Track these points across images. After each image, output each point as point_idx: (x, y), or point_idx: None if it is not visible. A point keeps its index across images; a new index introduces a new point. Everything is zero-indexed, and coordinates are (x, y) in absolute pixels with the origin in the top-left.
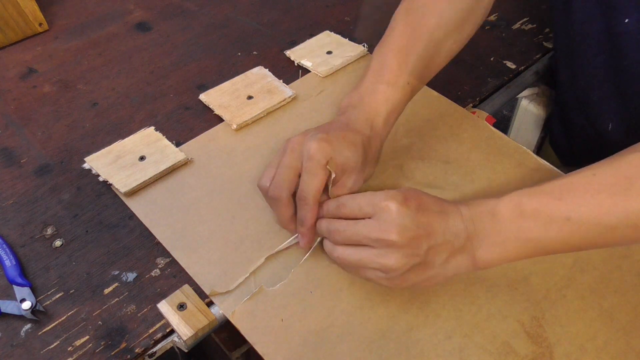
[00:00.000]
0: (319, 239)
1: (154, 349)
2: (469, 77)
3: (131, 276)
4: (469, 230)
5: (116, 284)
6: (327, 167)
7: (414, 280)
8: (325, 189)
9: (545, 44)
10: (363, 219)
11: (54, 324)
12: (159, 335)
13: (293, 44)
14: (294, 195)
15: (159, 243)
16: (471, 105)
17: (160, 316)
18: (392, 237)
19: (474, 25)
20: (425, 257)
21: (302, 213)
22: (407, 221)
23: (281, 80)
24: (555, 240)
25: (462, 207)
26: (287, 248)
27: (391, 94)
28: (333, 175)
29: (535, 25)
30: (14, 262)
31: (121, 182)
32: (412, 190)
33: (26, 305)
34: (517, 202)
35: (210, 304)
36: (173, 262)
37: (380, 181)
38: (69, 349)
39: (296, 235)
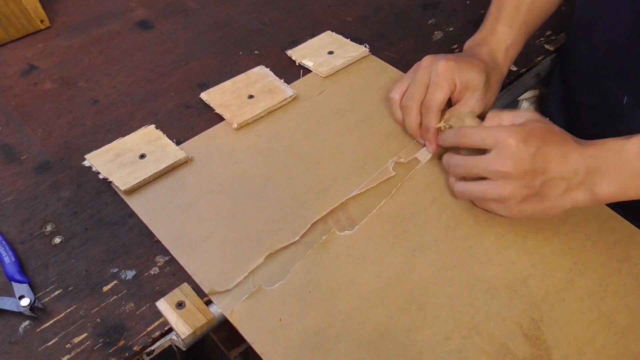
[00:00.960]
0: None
1: (152, 347)
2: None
3: (130, 274)
4: (590, 167)
5: (115, 282)
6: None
7: (530, 211)
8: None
9: (546, 46)
10: (482, 151)
11: (52, 321)
12: (158, 333)
13: (294, 43)
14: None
15: (158, 241)
16: None
17: (158, 314)
18: (507, 169)
19: None
20: (540, 189)
21: (427, 120)
22: (525, 156)
23: (282, 80)
24: None
25: (588, 145)
26: (286, 247)
27: (508, 33)
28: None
29: None
30: (13, 259)
31: (121, 180)
32: (536, 126)
33: (25, 302)
34: None
35: (209, 302)
36: (172, 261)
37: (380, 181)
38: (67, 346)
39: (365, 182)
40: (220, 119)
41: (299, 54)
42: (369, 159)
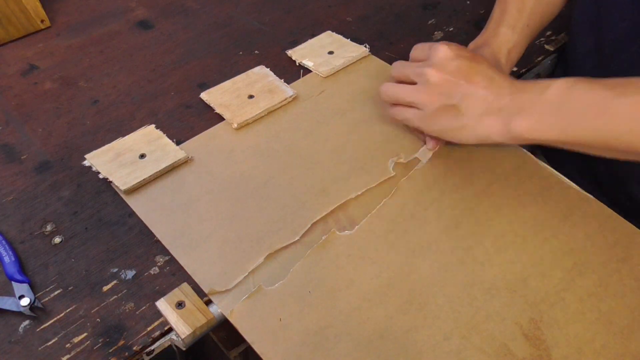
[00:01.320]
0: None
1: (152, 347)
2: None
3: (130, 274)
4: (513, 96)
5: (115, 282)
6: None
7: (443, 124)
8: None
9: (546, 46)
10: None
11: (52, 321)
12: (157, 333)
13: (294, 43)
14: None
15: (158, 241)
16: None
17: (158, 314)
18: (430, 72)
19: None
20: (459, 101)
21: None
22: (450, 64)
23: (282, 80)
24: (590, 127)
25: (514, 79)
26: (286, 247)
27: (511, 35)
28: None
29: None
30: (13, 259)
31: (121, 180)
32: (474, 52)
33: (25, 301)
34: (571, 84)
35: (208, 302)
36: (172, 261)
37: (380, 181)
38: (67, 346)
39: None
40: (220, 118)
41: (299, 54)
42: (369, 159)
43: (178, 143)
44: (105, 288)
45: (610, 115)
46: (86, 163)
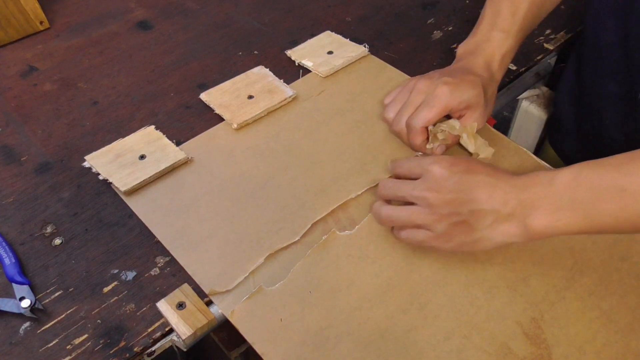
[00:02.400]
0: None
1: (153, 348)
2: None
3: (130, 275)
4: (520, 198)
5: (115, 283)
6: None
7: (459, 241)
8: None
9: (545, 45)
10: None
11: (53, 322)
12: (158, 334)
13: (294, 43)
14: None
15: (158, 242)
16: None
17: (159, 315)
18: (431, 195)
19: None
20: (468, 217)
21: (413, 139)
22: (449, 184)
23: (282, 80)
24: (609, 212)
25: (517, 177)
26: (286, 247)
27: (504, 40)
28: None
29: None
30: (14, 260)
31: (121, 181)
32: (464, 157)
33: (25, 303)
34: (576, 172)
35: (209, 303)
36: (172, 261)
37: (379, 181)
38: (67, 347)
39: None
40: (220, 119)
41: (298, 54)
42: (369, 159)
43: (178, 144)
44: (105, 289)
45: (625, 198)
46: (86, 164)
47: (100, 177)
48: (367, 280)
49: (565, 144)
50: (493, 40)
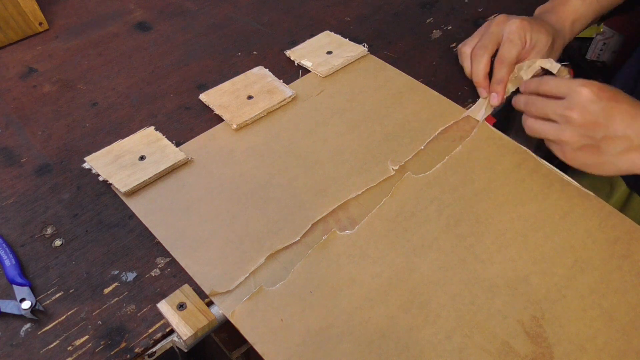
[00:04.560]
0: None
1: (154, 349)
2: (469, 78)
3: (131, 276)
4: None
5: (116, 284)
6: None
7: (584, 160)
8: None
9: None
10: (558, 98)
11: (53, 324)
12: (159, 335)
13: (293, 43)
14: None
15: (158, 243)
16: (471, 105)
17: (160, 316)
18: (572, 115)
19: None
20: (599, 142)
21: (500, 73)
22: (592, 106)
23: (281, 80)
24: None
25: None
26: (287, 247)
27: (579, 6)
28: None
29: None
30: (14, 262)
31: (121, 182)
32: (611, 86)
33: (26, 304)
34: None
35: (210, 303)
36: (173, 262)
37: (380, 180)
38: (68, 349)
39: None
40: (219, 119)
41: (297, 54)
42: (369, 158)
43: (178, 144)
44: (106, 290)
45: None
46: (86, 165)
47: (100, 178)
48: (367, 279)
49: None
50: (568, 4)
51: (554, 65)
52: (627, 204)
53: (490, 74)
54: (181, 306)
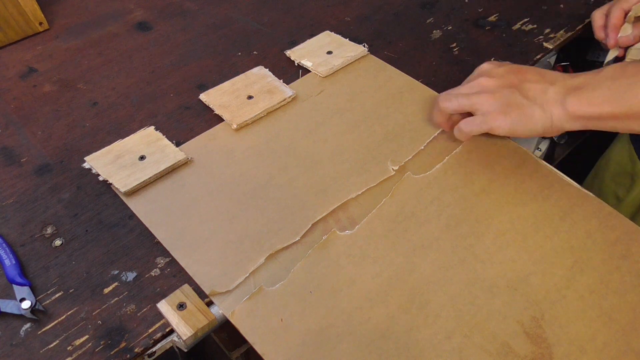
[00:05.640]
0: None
1: (154, 349)
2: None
3: (131, 276)
4: (567, 81)
5: (116, 284)
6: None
7: (509, 99)
8: None
9: (545, 44)
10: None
11: (53, 324)
12: (159, 334)
13: (293, 43)
14: None
15: (158, 243)
16: None
17: (159, 316)
18: (482, 80)
19: None
20: (517, 97)
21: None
22: (498, 69)
23: (281, 80)
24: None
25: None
26: (287, 247)
27: None
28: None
29: (535, 26)
30: (14, 262)
31: (121, 182)
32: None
33: (26, 304)
34: (624, 64)
35: (210, 303)
36: (173, 262)
37: (380, 180)
38: (68, 349)
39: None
40: (219, 119)
41: (297, 54)
42: (369, 158)
43: (178, 144)
44: (106, 290)
45: None
46: (86, 165)
47: (100, 178)
48: (367, 279)
49: None
50: None
51: None
52: None
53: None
54: (181, 306)
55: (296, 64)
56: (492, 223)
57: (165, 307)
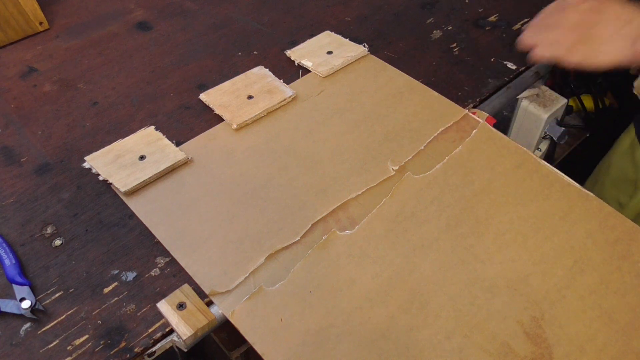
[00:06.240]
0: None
1: (154, 349)
2: (469, 78)
3: (131, 275)
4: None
5: (116, 283)
6: None
7: (580, 55)
8: None
9: None
10: None
11: (53, 323)
12: (159, 334)
13: (293, 43)
14: None
15: (158, 242)
16: (471, 105)
17: (159, 315)
18: (565, 14)
19: None
20: (594, 32)
21: None
22: (583, 5)
23: (281, 80)
24: None
25: None
26: (287, 247)
27: None
28: None
29: None
30: (14, 261)
31: (121, 182)
32: None
33: (26, 304)
34: None
35: (209, 303)
36: (173, 262)
37: (380, 180)
38: (68, 348)
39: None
40: (219, 119)
41: (298, 54)
42: (369, 158)
43: (178, 144)
44: (106, 290)
45: None
46: (86, 165)
47: (100, 178)
48: (367, 279)
49: None
50: None
51: None
52: None
53: None
54: (181, 306)
55: (296, 64)
56: (492, 223)
57: (165, 307)
